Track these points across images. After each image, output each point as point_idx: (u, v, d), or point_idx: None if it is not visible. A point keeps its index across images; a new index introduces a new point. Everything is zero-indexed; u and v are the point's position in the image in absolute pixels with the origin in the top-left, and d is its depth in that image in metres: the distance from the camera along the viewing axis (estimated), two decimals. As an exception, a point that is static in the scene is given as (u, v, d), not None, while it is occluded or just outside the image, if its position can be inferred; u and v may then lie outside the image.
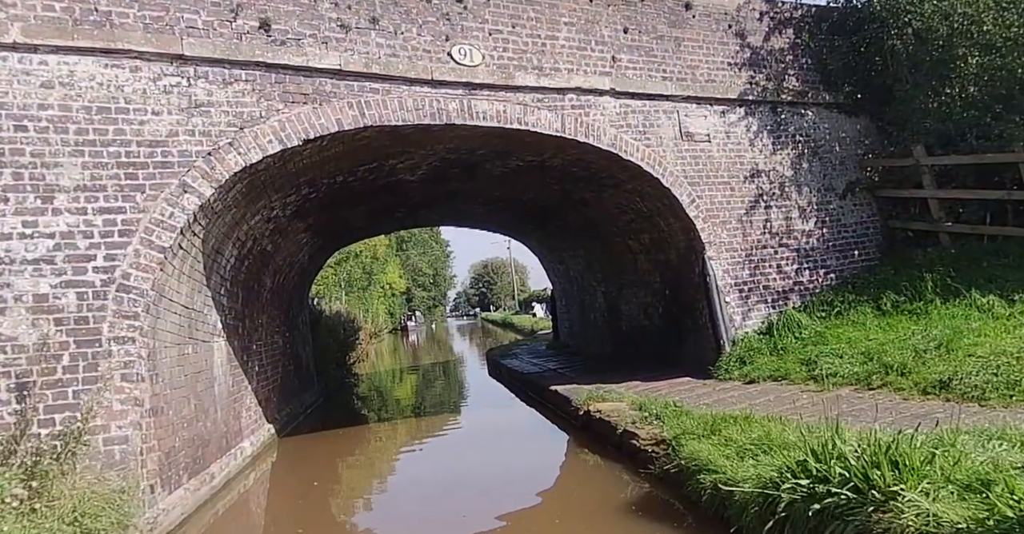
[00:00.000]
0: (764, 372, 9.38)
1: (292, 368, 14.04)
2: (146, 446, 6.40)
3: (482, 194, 13.95)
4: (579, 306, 17.95)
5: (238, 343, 9.94)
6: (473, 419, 12.87)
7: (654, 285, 12.83)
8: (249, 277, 10.35)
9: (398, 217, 15.86)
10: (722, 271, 10.77)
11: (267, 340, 11.94)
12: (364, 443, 12.10)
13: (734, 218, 11.16)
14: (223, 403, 8.95)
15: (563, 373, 13.71)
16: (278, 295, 12.88)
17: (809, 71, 12.28)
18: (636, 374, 11.67)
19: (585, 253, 15.98)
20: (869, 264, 11.98)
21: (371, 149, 9.14)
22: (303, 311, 16.29)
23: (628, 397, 9.30)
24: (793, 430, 5.64)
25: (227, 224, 8.21)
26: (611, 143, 10.14)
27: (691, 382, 10.25)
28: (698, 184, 10.94)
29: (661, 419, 7.60)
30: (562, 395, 10.68)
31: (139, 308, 6.46)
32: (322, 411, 15.72)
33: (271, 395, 11.89)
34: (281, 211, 9.87)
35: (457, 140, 9.71)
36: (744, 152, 11.50)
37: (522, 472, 8.51)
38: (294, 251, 12.76)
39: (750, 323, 10.78)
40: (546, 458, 9.11)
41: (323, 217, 12.23)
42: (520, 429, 11.15)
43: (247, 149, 7.28)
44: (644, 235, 12.47)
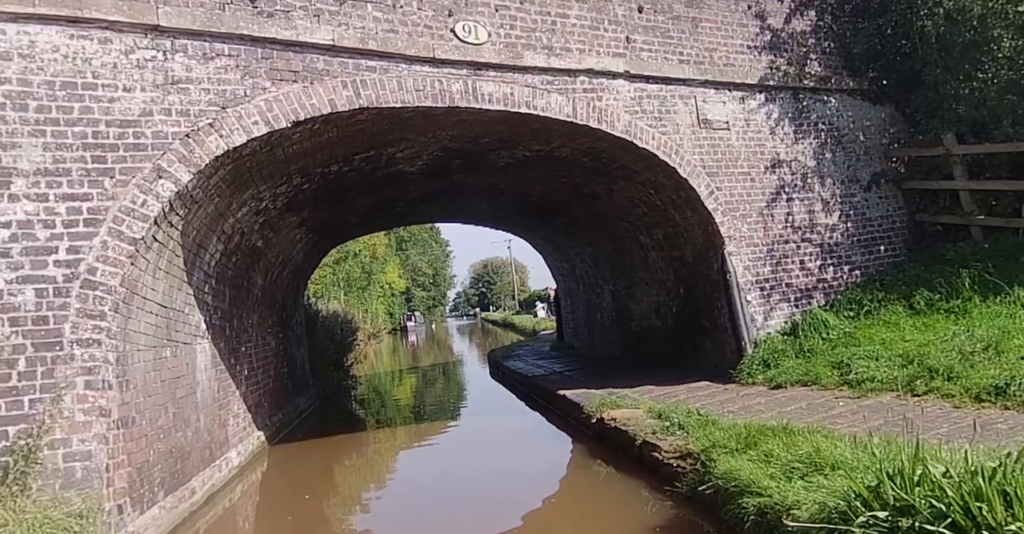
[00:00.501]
0: (791, 376, 8.69)
1: (286, 371, 13.35)
2: (113, 461, 5.70)
3: (485, 188, 13.26)
4: (585, 306, 17.26)
5: (225, 345, 9.25)
6: (476, 425, 12.17)
7: (667, 283, 12.14)
8: (237, 274, 9.66)
9: (397, 212, 15.17)
10: (742, 268, 10.08)
11: (258, 341, 11.25)
12: (360, 451, 11.41)
13: (754, 211, 10.47)
14: (207, 410, 8.26)
15: (570, 376, 13.02)
16: (270, 294, 12.19)
17: (832, 56, 11.60)
18: (649, 378, 10.97)
19: (592, 250, 15.29)
20: (896, 260, 11.30)
21: (368, 135, 8.45)
22: (298, 311, 15.60)
23: (644, 403, 8.61)
24: (847, 446, 4.95)
25: (210, 216, 7.51)
26: (625, 130, 9.45)
27: (711, 387, 9.56)
28: (716, 174, 10.25)
29: (685, 429, 6.91)
30: (571, 400, 9.99)
31: (106, 307, 5.77)
32: (318, 416, 15.03)
33: (262, 400, 11.19)
34: (271, 203, 9.17)
35: (460, 126, 9.03)
36: (764, 141, 10.82)
37: (531, 485, 7.83)
38: (287, 248, 12.06)
39: (772, 323, 10.09)
40: (556, 470, 8.43)
41: (318, 211, 11.54)
42: (527, 436, 10.46)
43: (230, 131, 6.58)
44: (657, 230, 11.78)
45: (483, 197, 14.32)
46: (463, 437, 11.33)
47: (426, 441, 11.54)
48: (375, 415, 15.73)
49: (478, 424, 12.11)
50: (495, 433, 11.02)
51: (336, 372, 19.46)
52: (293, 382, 14.00)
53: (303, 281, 15.74)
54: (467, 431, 11.76)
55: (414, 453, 10.97)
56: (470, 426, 12.15)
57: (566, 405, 10.24)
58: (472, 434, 11.40)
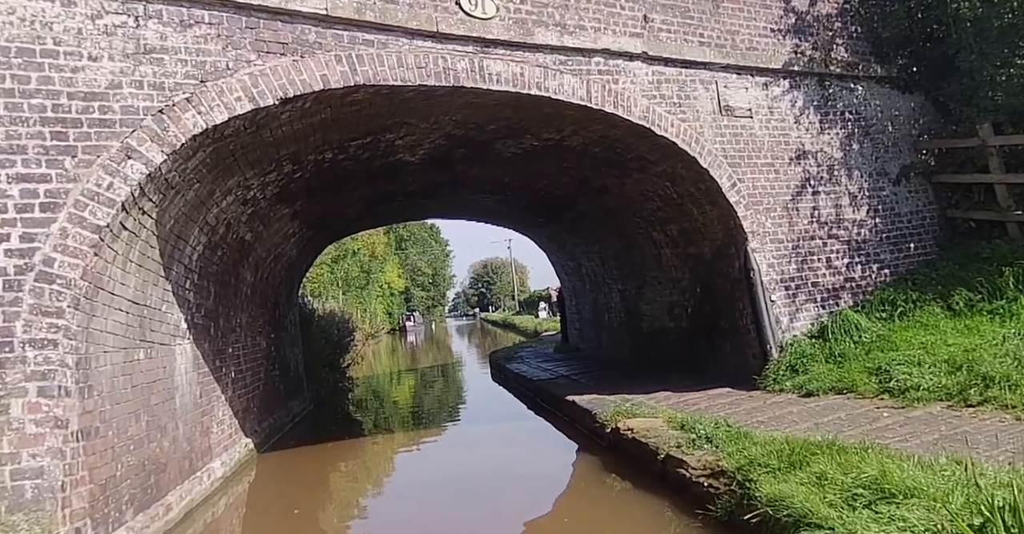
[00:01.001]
0: (823, 383, 7.99)
1: (277, 373, 12.65)
2: (71, 479, 5.01)
3: (490, 181, 12.57)
4: (591, 306, 16.57)
5: (209, 346, 8.55)
6: (478, 431, 11.45)
7: (682, 282, 11.45)
8: (223, 270, 8.97)
9: (397, 207, 14.47)
10: (766, 265, 9.39)
11: (247, 342, 10.55)
12: (355, 459, 10.71)
13: (779, 205, 9.78)
14: (187, 417, 7.56)
15: (578, 380, 12.33)
16: (261, 291, 11.49)
17: (859, 41, 10.91)
18: (664, 383, 10.29)
19: (601, 248, 14.60)
20: (927, 258, 10.61)
21: (365, 118, 7.76)
22: (292, 310, 14.90)
23: (663, 412, 7.92)
24: (915, 467, 4.27)
25: (189, 203, 6.82)
26: (643, 116, 8.76)
27: (733, 394, 8.87)
28: (739, 165, 9.57)
29: (714, 442, 6.22)
30: (582, 407, 9.30)
31: (65, 303, 5.08)
32: (311, 420, 14.33)
33: (251, 404, 10.50)
34: (260, 192, 8.48)
35: (465, 110, 8.34)
36: (789, 130, 10.14)
37: (540, 499, 7.15)
38: (279, 242, 11.37)
39: (798, 325, 9.40)
40: (568, 485, 7.73)
41: (312, 204, 10.84)
42: (533, 445, 9.75)
43: (209, 107, 5.89)
44: (672, 226, 11.09)
45: (487, 191, 13.63)
46: (465, 444, 10.62)
47: (425, 448, 10.84)
48: (372, 419, 15.03)
49: (480, 430, 11.41)
50: (499, 440, 10.32)
51: (332, 374, 18.72)
52: (286, 385, 13.31)
53: (297, 279, 15.04)
54: (469, 438, 11.05)
55: (412, 462, 10.28)
56: (472, 432, 11.44)
57: (576, 412, 9.55)
58: (474, 441, 10.69)
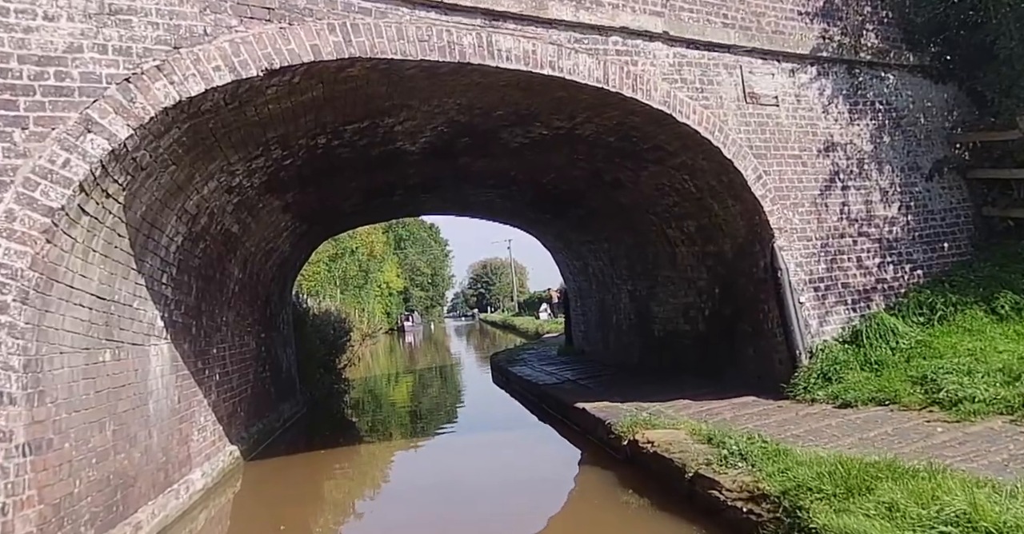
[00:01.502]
0: (861, 393, 7.30)
1: (267, 375, 11.96)
2: (15, 500, 4.32)
3: (494, 174, 11.87)
4: (598, 307, 15.88)
5: (190, 346, 7.86)
6: (480, 439, 10.70)
7: (699, 282, 10.76)
8: (207, 264, 8.28)
9: (396, 202, 13.77)
10: (794, 265, 8.70)
11: (234, 342, 9.86)
12: (348, 468, 10.03)
13: (807, 200, 9.10)
14: (162, 425, 6.87)
15: (586, 385, 11.64)
16: (250, 288, 10.80)
17: (890, 27, 10.24)
18: (681, 390, 9.60)
19: (610, 246, 13.91)
20: (961, 259, 9.92)
21: (361, 98, 7.07)
22: (285, 309, 14.21)
23: (685, 423, 7.23)
24: (1010, 498, 3.58)
25: (165, 188, 6.12)
26: (663, 101, 8.08)
27: (759, 403, 8.17)
28: (765, 157, 8.89)
29: (748, 460, 5.54)
30: (593, 416, 8.61)
31: (9, 295, 4.39)
32: (304, 425, 13.64)
33: (237, 409, 9.81)
34: (246, 180, 7.78)
35: (471, 92, 7.65)
36: (817, 120, 9.46)
37: (552, 522, 6.46)
38: (270, 236, 10.67)
39: (828, 329, 8.71)
40: (580, 502, 7.04)
41: (305, 195, 10.15)
42: (540, 457, 9.04)
43: (183, 77, 5.20)
44: (689, 222, 10.40)
45: (491, 185, 12.93)
46: (466, 453, 9.91)
47: (424, 457, 10.15)
48: (368, 424, 14.34)
49: (483, 438, 10.68)
50: (503, 450, 9.61)
51: (327, 375, 18.03)
52: (277, 387, 12.61)
53: (291, 276, 14.35)
54: (471, 446, 10.33)
55: (409, 471, 9.59)
56: (474, 440, 10.71)
57: (587, 421, 8.86)
58: (477, 450, 9.98)
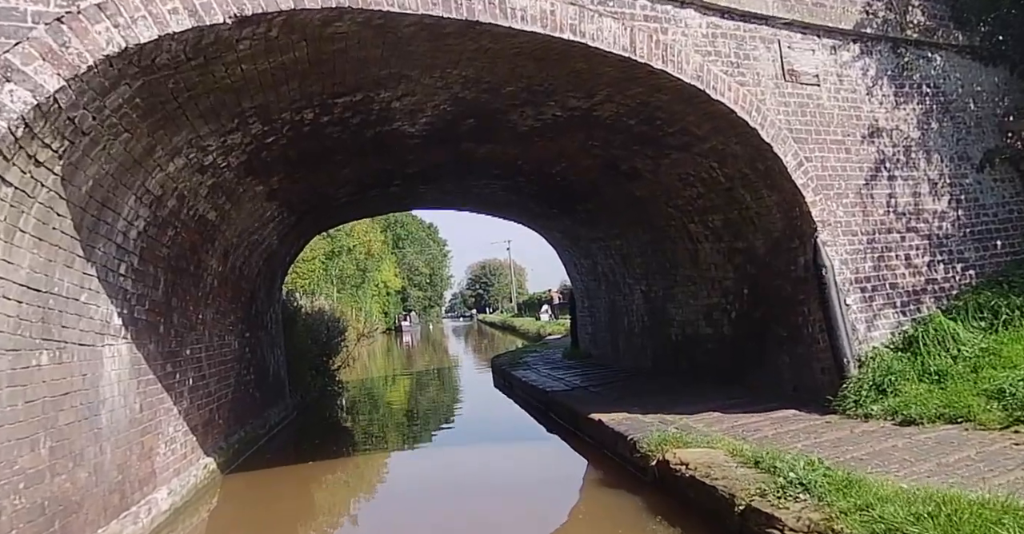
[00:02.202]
0: (925, 408, 6.35)
1: (252, 378, 11.01)
2: None
3: (499, 163, 10.93)
4: (607, 308, 14.94)
5: (156, 347, 6.91)
6: (484, 453, 9.65)
7: (724, 282, 9.82)
8: (178, 254, 7.33)
9: (393, 193, 12.82)
10: (839, 262, 7.77)
11: (212, 342, 8.91)
12: (338, 481, 9.09)
13: (851, 190, 8.17)
14: (119, 438, 5.92)
15: (597, 392, 10.70)
16: (232, 284, 9.86)
17: (938, 3, 9.31)
18: (706, 401, 8.66)
19: (622, 244, 12.96)
20: (1015, 258, 9.00)
21: (352, 63, 6.13)
22: (273, 307, 13.26)
23: (722, 441, 6.29)
24: None
25: (117, 160, 5.18)
26: (696, 75, 7.14)
27: (803, 418, 7.23)
28: (805, 141, 7.96)
29: (812, 492, 4.59)
30: (612, 430, 7.66)
31: None
32: (293, 431, 12.69)
33: (215, 416, 8.86)
34: (222, 158, 6.84)
35: (478, 62, 6.71)
36: (860, 103, 8.54)
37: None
38: (255, 226, 9.73)
39: (876, 334, 7.77)
40: (599, 530, 6.10)
41: (293, 181, 9.21)
42: (552, 477, 8.06)
43: (131, 19, 4.25)
44: (715, 216, 9.46)
45: (495, 176, 11.99)
46: (469, 467, 8.94)
47: (421, 471, 9.19)
48: (361, 430, 13.40)
49: (487, 452, 9.68)
50: (509, 466, 8.66)
51: (319, 377, 17.09)
52: (263, 391, 11.66)
53: (280, 271, 13.40)
54: (474, 460, 9.34)
55: (406, 486, 8.64)
56: (477, 453, 9.69)
57: (604, 435, 7.91)
58: (480, 465, 9.02)
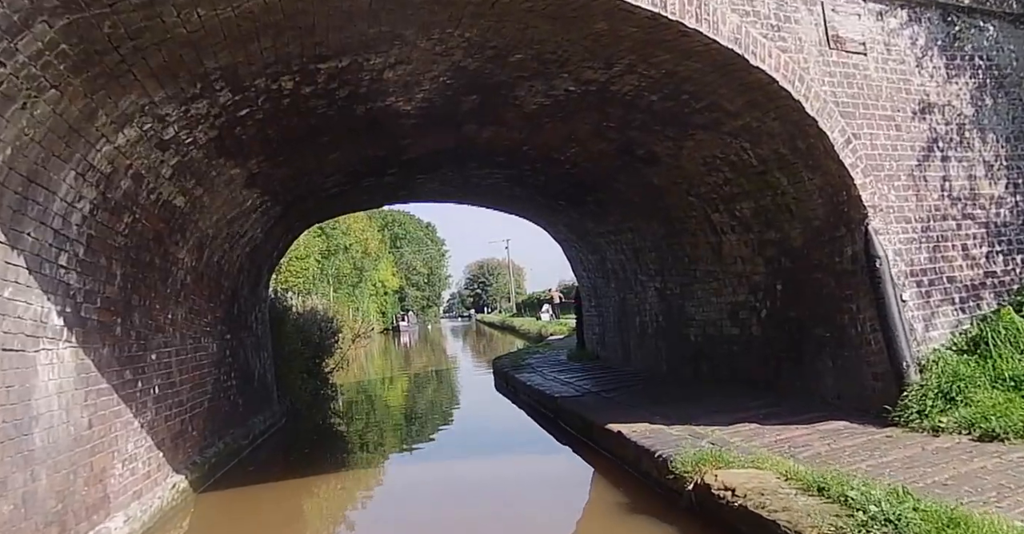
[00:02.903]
0: (1009, 420, 5.43)
1: (234, 383, 10.08)
2: None
3: (504, 149, 10.00)
4: (617, 307, 14.02)
5: (112, 351, 5.97)
6: (490, 467, 8.62)
7: (753, 278, 8.89)
8: (139, 245, 6.39)
9: (388, 183, 11.87)
10: (892, 252, 6.85)
11: (184, 345, 7.97)
12: (327, 499, 8.16)
13: (903, 172, 7.26)
14: (58, 461, 4.98)
15: (612, 398, 9.76)
16: (209, 280, 8.92)
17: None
18: (737, 409, 7.73)
19: (635, 237, 12.04)
20: (1079, 250, 8.10)
21: (336, 14, 5.18)
22: (259, 306, 12.31)
23: (770, 460, 5.36)
24: None
25: (44, 125, 4.24)
26: (733, 37, 6.22)
27: (856, 430, 6.29)
28: (852, 116, 7.05)
29: (903, 532, 3.68)
30: (634, 443, 6.73)
31: None
32: (280, 440, 11.75)
33: (188, 428, 7.93)
34: (186, 132, 5.89)
35: (484, 19, 5.77)
36: (910, 75, 7.63)
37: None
38: (234, 216, 8.79)
39: (935, 334, 6.85)
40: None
41: (274, 166, 8.27)
42: (570, 501, 7.10)
43: (42, -67, 3.32)
44: (744, 204, 8.54)
45: (499, 164, 11.06)
46: (474, 484, 7.98)
47: (419, 486, 8.25)
48: (355, 439, 12.49)
49: (492, 465, 8.67)
50: (517, 483, 7.72)
51: (312, 381, 16.13)
52: (247, 397, 10.72)
53: (266, 268, 12.45)
54: (477, 475, 8.37)
55: (402, 505, 7.70)
56: (481, 467, 8.69)
57: (625, 449, 6.98)
58: (486, 481, 8.05)
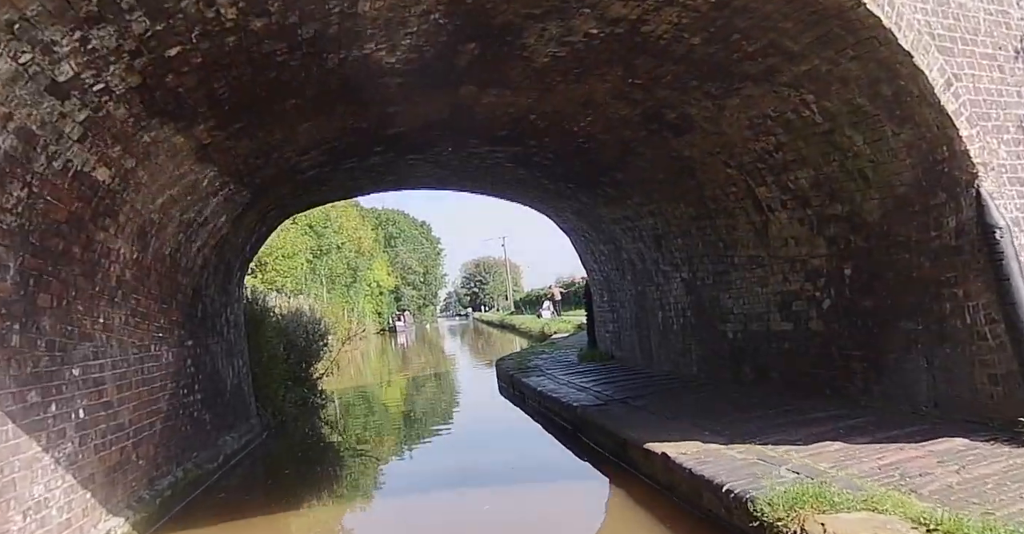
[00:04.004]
0: None
1: (198, 398, 8.61)
2: None
3: (508, 118, 8.56)
4: (634, 302, 12.59)
5: (9, 369, 4.50)
6: (509, 502, 6.94)
7: (811, 262, 7.45)
8: (44, 229, 4.90)
9: (375, 165, 10.39)
10: (1010, 221, 5.42)
11: (126, 356, 6.50)
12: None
13: (1011, 123, 5.83)
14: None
15: (641, 408, 8.32)
16: (161, 277, 7.44)
17: None
18: (806, 422, 6.31)
19: (656, 222, 10.60)
20: None
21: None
22: (231, 307, 10.83)
23: (888, 498, 3.94)
24: None
25: None
26: (810, -55, 4.79)
27: (986, 452, 4.84)
28: (951, 53, 5.63)
29: None
30: (689, 472, 5.29)
31: None
32: (258, 459, 10.31)
33: (132, 456, 6.47)
34: (91, 72, 4.39)
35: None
36: (1008, 7, 6.21)
37: None
38: (188, 199, 7.30)
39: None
40: None
41: (230, 136, 6.77)
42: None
43: None
44: (800, 173, 7.11)
45: (502, 140, 9.59)
46: (480, 523, 6.53)
47: (417, 526, 6.79)
48: (343, 456, 11.06)
49: (509, 499, 7.03)
50: (545, 529, 6.21)
51: (298, 388, 14.67)
52: (216, 412, 9.27)
53: (239, 263, 10.95)
54: (493, 516, 6.82)
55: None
56: (495, 499, 7.14)
57: (676, 479, 5.53)
58: (503, 519, 6.57)
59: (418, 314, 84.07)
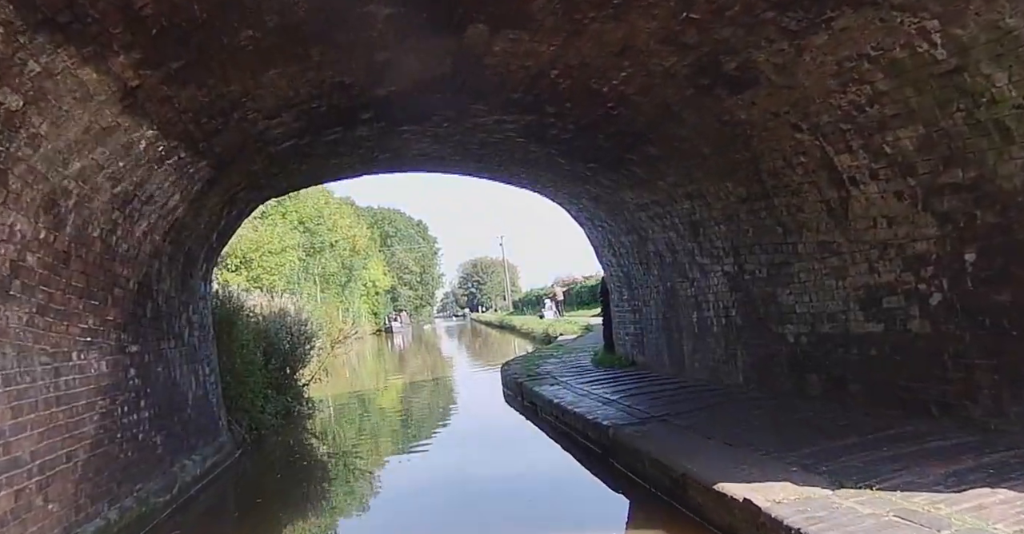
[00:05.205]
0: None
1: (146, 416, 7.06)
2: None
3: (524, 73, 6.98)
4: (663, 300, 11.03)
5: None
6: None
7: (912, 246, 5.88)
8: None
9: (363, 138, 8.82)
10: None
11: (26, 368, 4.93)
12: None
13: None
14: None
15: (688, 427, 6.77)
16: (87, 265, 5.85)
17: None
18: (921, 453, 4.76)
19: (694, 206, 9.04)
20: None
21: None
22: (194, 306, 9.24)
23: None
24: None
25: None
26: None
27: None
28: None
29: None
30: (794, 532, 3.74)
31: None
32: (226, 484, 8.76)
33: (35, 500, 4.92)
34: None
35: None
36: None
37: None
38: (119, 165, 5.71)
39: None
40: None
41: (169, 77, 5.18)
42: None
43: None
44: (903, 131, 5.53)
45: (514, 105, 8.02)
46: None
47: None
48: (325, 478, 9.52)
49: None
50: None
51: (280, 397, 13.11)
52: (171, 432, 7.70)
53: (203, 254, 9.34)
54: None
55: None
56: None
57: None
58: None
59: (415, 314, 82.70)
